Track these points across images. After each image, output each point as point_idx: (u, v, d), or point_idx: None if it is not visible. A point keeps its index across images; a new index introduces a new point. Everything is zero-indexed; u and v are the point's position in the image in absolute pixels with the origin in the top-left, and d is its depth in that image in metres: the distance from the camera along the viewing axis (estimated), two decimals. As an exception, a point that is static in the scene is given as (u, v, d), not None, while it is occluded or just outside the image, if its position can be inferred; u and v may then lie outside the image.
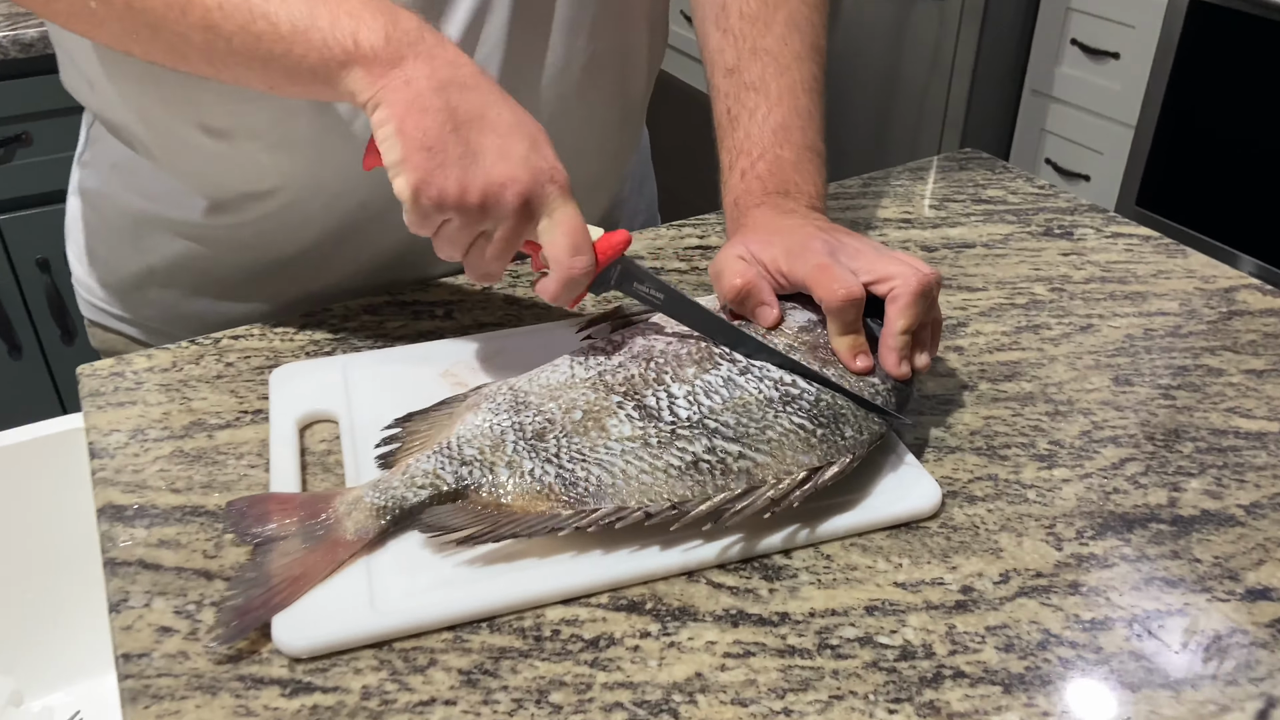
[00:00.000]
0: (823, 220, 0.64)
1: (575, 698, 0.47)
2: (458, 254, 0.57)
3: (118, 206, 0.77)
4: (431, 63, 0.53)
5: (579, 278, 0.56)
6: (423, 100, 0.52)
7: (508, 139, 0.54)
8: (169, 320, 0.79)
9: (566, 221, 0.56)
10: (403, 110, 0.52)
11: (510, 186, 0.53)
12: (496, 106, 0.54)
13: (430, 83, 0.53)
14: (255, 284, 0.77)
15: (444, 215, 0.54)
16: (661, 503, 0.53)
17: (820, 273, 0.58)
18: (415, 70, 0.53)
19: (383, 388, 0.64)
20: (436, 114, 0.52)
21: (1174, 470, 0.60)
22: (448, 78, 0.53)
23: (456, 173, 0.53)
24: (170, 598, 0.52)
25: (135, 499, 0.58)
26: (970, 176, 0.94)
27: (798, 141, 0.67)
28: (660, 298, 0.61)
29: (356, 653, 0.49)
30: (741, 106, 0.68)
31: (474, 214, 0.54)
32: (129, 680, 0.48)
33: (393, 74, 0.53)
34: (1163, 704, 0.47)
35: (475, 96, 0.54)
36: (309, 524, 0.53)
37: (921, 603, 0.52)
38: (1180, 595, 0.52)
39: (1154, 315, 0.74)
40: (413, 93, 0.53)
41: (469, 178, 0.53)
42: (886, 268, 0.58)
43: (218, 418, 0.64)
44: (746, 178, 0.66)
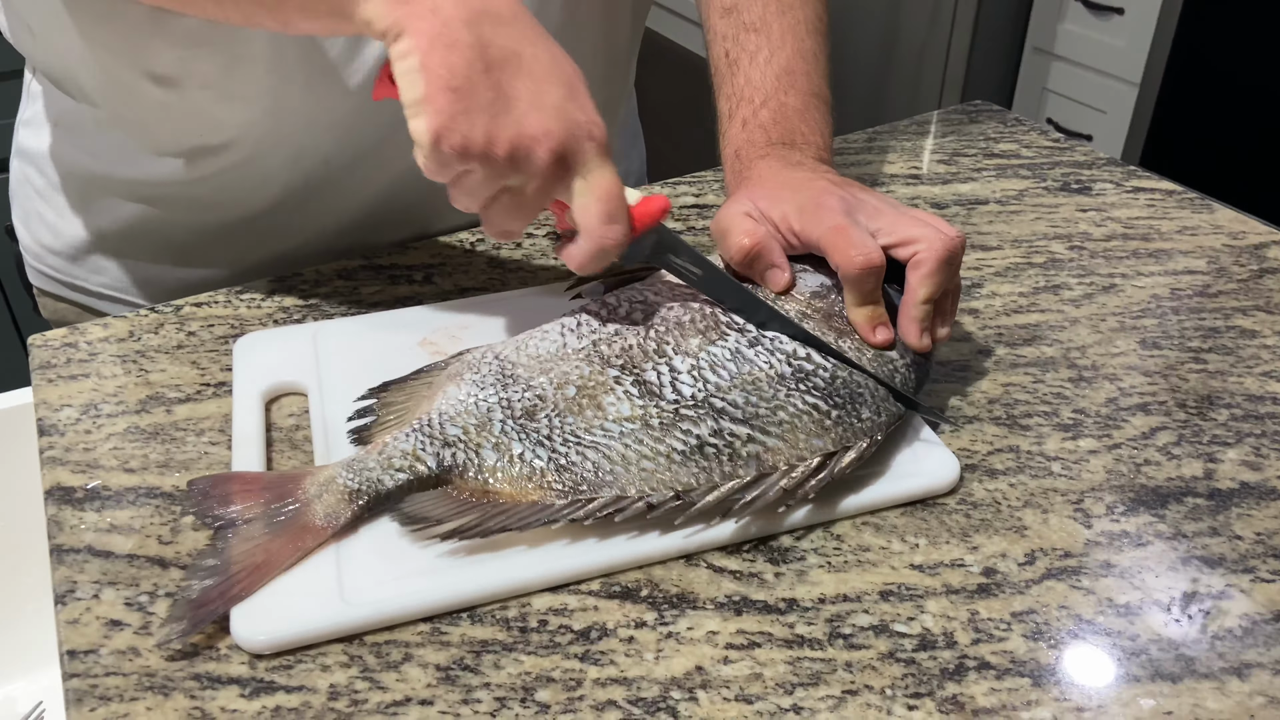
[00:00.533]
0: (833, 173, 0.59)
1: (564, 695, 0.43)
2: (476, 206, 0.51)
3: (63, 167, 0.72)
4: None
5: (611, 248, 0.50)
6: (451, 33, 0.46)
7: (543, 84, 0.48)
8: (122, 288, 0.74)
9: (603, 185, 0.49)
10: (428, 42, 0.46)
11: (544, 141, 0.47)
12: (534, 45, 0.48)
13: (461, 11, 0.46)
14: (214, 248, 0.73)
15: (466, 165, 0.48)
16: (664, 492, 0.48)
17: (837, 235, 0.53)
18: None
19: (356, 358, 0.60)
20: (466, 50, 0.46)
21: (1209, 440, 0.56)
22: (480, 8, 0.47)
23: (484, 120, 0.46)
24: (121, 588, 0.47)
25: (85, 479, 0.53)
26: (981, 130, 0.89)
27: (803, 87, 0.62)
28: (698, 273, 0.55)
29: (324, 648, 0.45)
30: (741, 49, 0.63)
31: (500, 167, 0.48)
32: (74, 680, 0.44)
33: (419, 2, 0.47)
34: (1206, 696, 0.43)
35: (511, 32, 0.48)
36: (275, 507, 0.49)
37: (941, 587, 0.48)
38: (1221, 576, 0.48)
39: (1181, 274, 0.70)
40: (440, 22, 0.46)
41: (498, 127, 0.47)
42: (909, 230, 0.54)
43: (177, 391, 0.59)
44: (748, 127, 0.61)
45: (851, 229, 0.53)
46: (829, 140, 0.62)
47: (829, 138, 0.63)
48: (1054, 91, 2.11)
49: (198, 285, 0.72)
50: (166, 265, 0.73)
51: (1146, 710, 0.42)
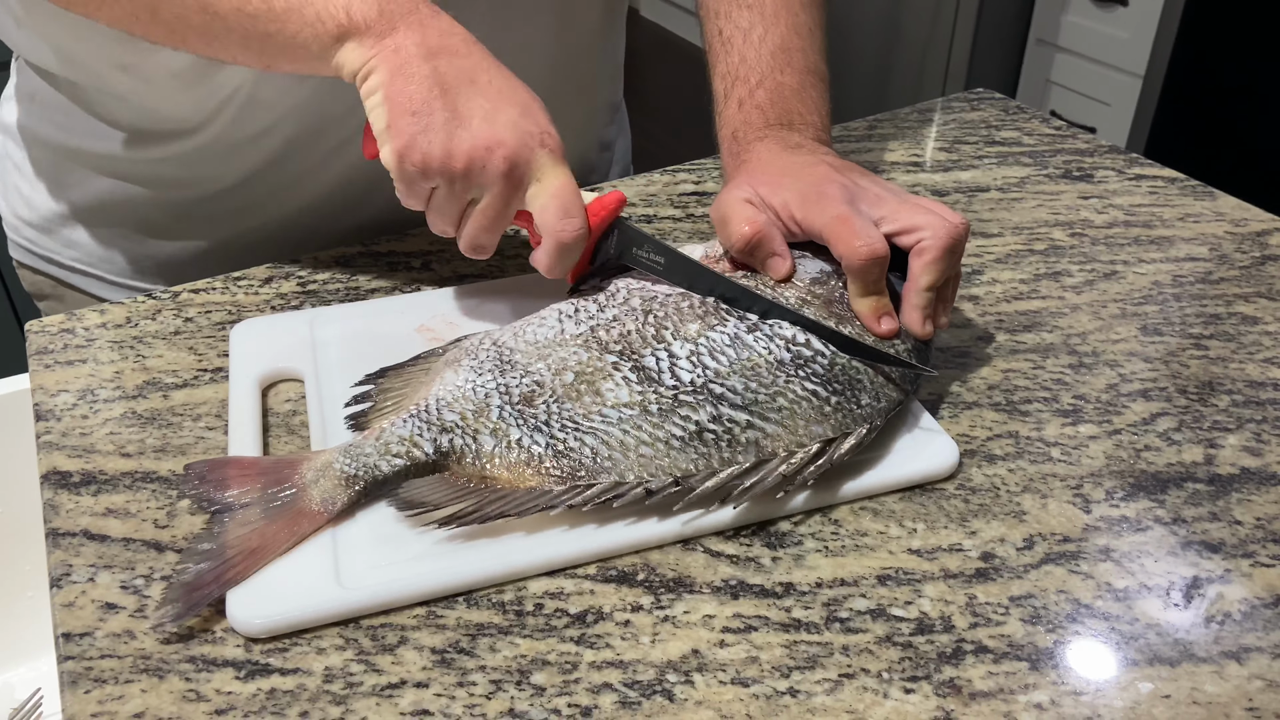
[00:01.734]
0: (832, 156, 0.58)
1: (560, 678, 0.43)
2: (450, 226, 0.55)
3: (38, 140, 0.73)
4: (423, 30, 0.52)
5: (570, 243, 0.53)
6: (410, 66, 0.51)
7: (496, 104, 0.52)
8: (92, 262, 0.75)
9: (557, 185, 0.53)
10: (389, 77, 0.51)
11: (497, 150, 0.51)
12: (488, 72, 0.53)
13: (419, 50, 0.52)
14: (183, 223, 0.73)
15: (430, 182, 0.52)
16: (663, 478, 0.48)
17: (840, 225, 0.53)
18: (405, 39, 0.52)
19: (353, 344, 0.59)
20: (423, 80, 0.51)
21: (1209, 425, 0.56)
22: (437, 45, 0.52)
23: (441, 137, 0.51)
24: (117, 571, 0.47)
25: (82, 464, 0.53)
26: (982, 117, 0.88)
27: (799, 65, 0.61)
28: (661, 262, 0.56)
29: (319, 631, 0.44)
30: (734, 26, 0.63)
31: (459, 179, 0.52)
32: (69, 662, 0.43)
33: (383, 43, 0.52)
34: (1205, 680, 0.43)
35: (465, 63, 0.52)
36: (272, 491, 0.49)
37: (938, 571, 0.47)
38: (1221, 561, 0.48)
39: (1182, 261, 0.69)
40: (401, 60, 0.52)
41: (454, 142, 0.51)
42: (912, 217, 0.53)
43: (174, 376, 0.59)
44: (745, 108, 0.61)
45: (854, 218, 0.53)
46: (827, 119, 0.62)
47: (827, 116, 0.62)
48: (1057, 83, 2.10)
49: (168, 261, 0.73)
50: (137, 240, 0.74)
51: (1144, 694, 0.42)
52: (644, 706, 0.41)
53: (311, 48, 0.53)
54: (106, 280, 0.75)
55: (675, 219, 0.74)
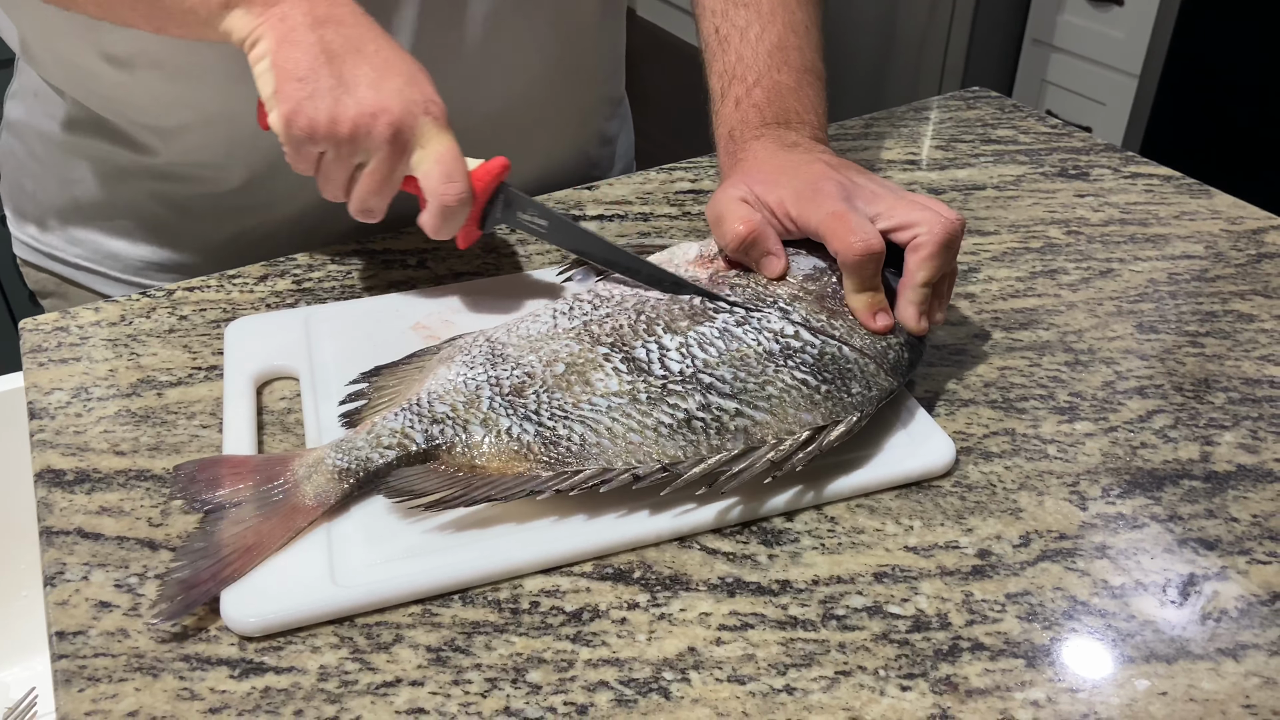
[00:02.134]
0: (829, 154, 0.58)
1: (556, 676, 0.42)
2: (339, 191, 0.56)
3: (41, 136, 0.73)
4: (311, 1, 0.54)
5: (453, 205, 0.55)
6: (296, 34, 0.53)
7: (382, 72, 0.53)
8: (95, 260, 0.75)
9: (439, 150, 0.54)
10: (275, 44, 0.53)
11: (381, 116, 0.53)
12: (374, 43, 0.54)
13: (306, 19, 0.53)
14: (183, 222, 0.73)
15: (317, 146, 0.54)
16: (651, 464, 0.48)
17: (835, 221, 0.53)
18: (293, 8, 0.53)
19: (348, 342, 0.59)
20: (309, 47, 0.53)
21: (1205, 423, 0.56)
22: (325, 14, 0.54)
23: (327, 103, 0.52)
24: (110, 570, 0.47)
25: (75, 462, 0.53)
26: (978, 116, 0.88)
27: (796, 63, 0.61)
28: (544, 225, 0.59)
29: (314, 630, 0.44)
30: (731, 25, 0.63)
31: (345, 144, 0.53)
32: (63, 661, 0.43)
33: (270, 12, 0.53)
34: (1201, 677, 0.43)
35: (352, 32, 0.54)
36: (264, 489, 0.49)
37: (935, 569, 0.47)
38: (1217, 558, 0.48)
39: (1178, 258, 0.69)
40: (287, 27, 0.53)
41: (339, 108, 0.52)
42: (908, 213, 0.53)
43: (168, 375, 0.59)
44: (741, 106, 0.61)
45: (850, 214, 0.53)
46: (824, 117, 0.62)
47: (824, 115, 0.62)
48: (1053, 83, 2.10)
49: (171, 259, 0.73)
50: (139, 238, 0.74)
51: (1141, 691, 0.42)
52: (640, 704, 0.41)
53: (199, 13, 0.54)
54: (110, 277, 0.75)
55: (672, 217, 0.74)
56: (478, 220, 0.58)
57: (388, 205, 0.56)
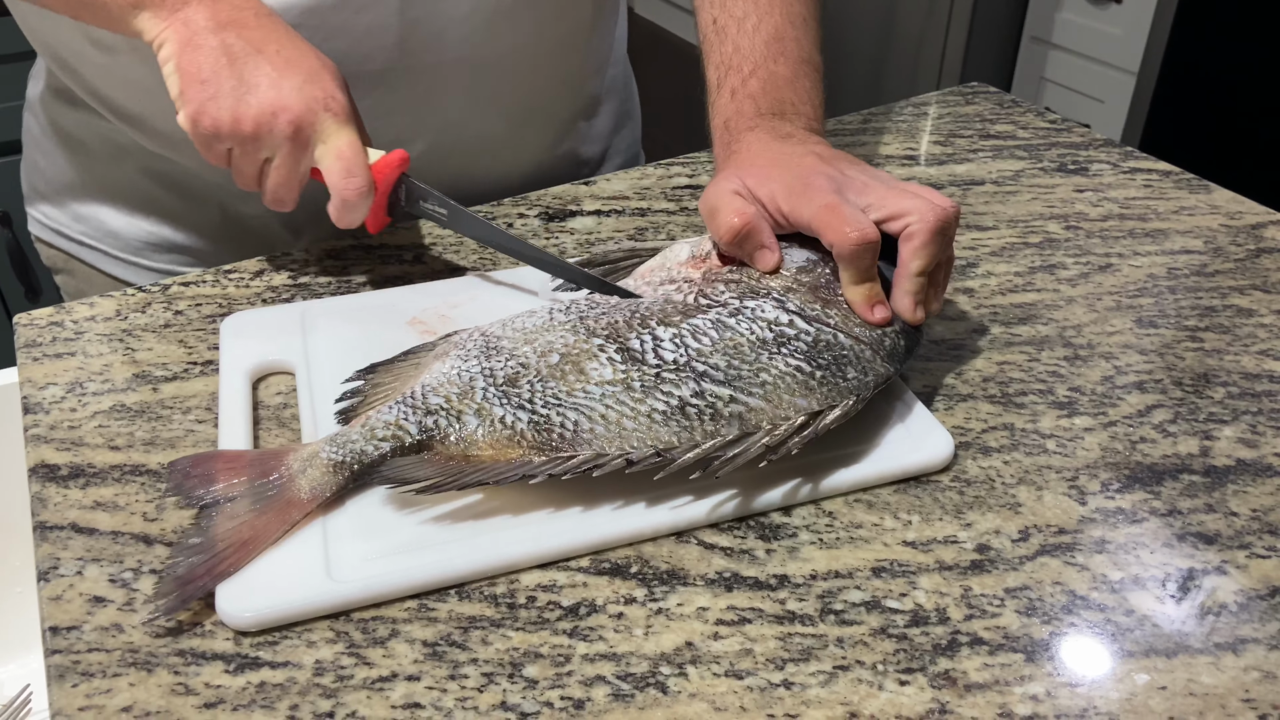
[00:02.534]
0: (823, 146, 0.58)
1: (552, 671, 0.42)
2: (251, 183, 0.59)
3: (49, 114, 0.75)
4: (214, 6, 0.56)
5: (353, 199, 0.57)
6: (198, 38, 0.56)
7: (283, 71, 0.56)
8: (101, 236, 0.76)
9: (339, 146, 0.57)
10: (179, 48, 0.56)
11: (281, 114, 0.55)
12: (276, 43, 0.56)
13: (209, 23, 0.56)
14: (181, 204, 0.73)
15: (223, 144, 0.56)
16: (644, 449, 0.48)
17: (829, 214, 0.52)
18: (196, 13, 0.56)
19: (344, 337, 0.59)
20: (211, 51, 0.55)
21: (1205, 417, 0.55)
22: (227, 18, 0.56)
23: (230, 103, 0.55)
24: (105, 565, 0.47)
25: (70, 457, 0.52)
26: (977, 111, 0.88)
27: (793, 54, 0.61)
28: (444, 214, 0.61)
29: (310, 624, 0.44)
30: (729, 15, 0.63)
31: (249, 142, 0.56)
32: (57, 656, 0.43)
33: (175, 17, 0.56)
34: (1201, 671, 0.42)
35: (254, 34, 0.56)
36: (259, 483, 0.48)
37: (934, 563, 0.47)
38: (1217, 552, 0.48)
39: (1177, 253, 0.69)
40: (190, 31, 0.56)
41: (241, 107, 0.55)
42: (899, 203, 0.53)
43: (164, 369, 0.58)
44: (737, 97, 0.61)
45: (843, 206, 0.53)
46: (820, 109, 0.61)
47: (820, 106, 0.61)
48: (1051, 80, 2.10)
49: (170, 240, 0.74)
50: (141, 217, 0.75)
51: (1140, 686, 0.42)
52: (637, 699, 0.41)
53: (112, 11, 0.57)
54: (110, 255, 0.76)
55: (669, 212, 0.74)
56: (384, 208, 0.61)
57: (298, 196, 0.59)
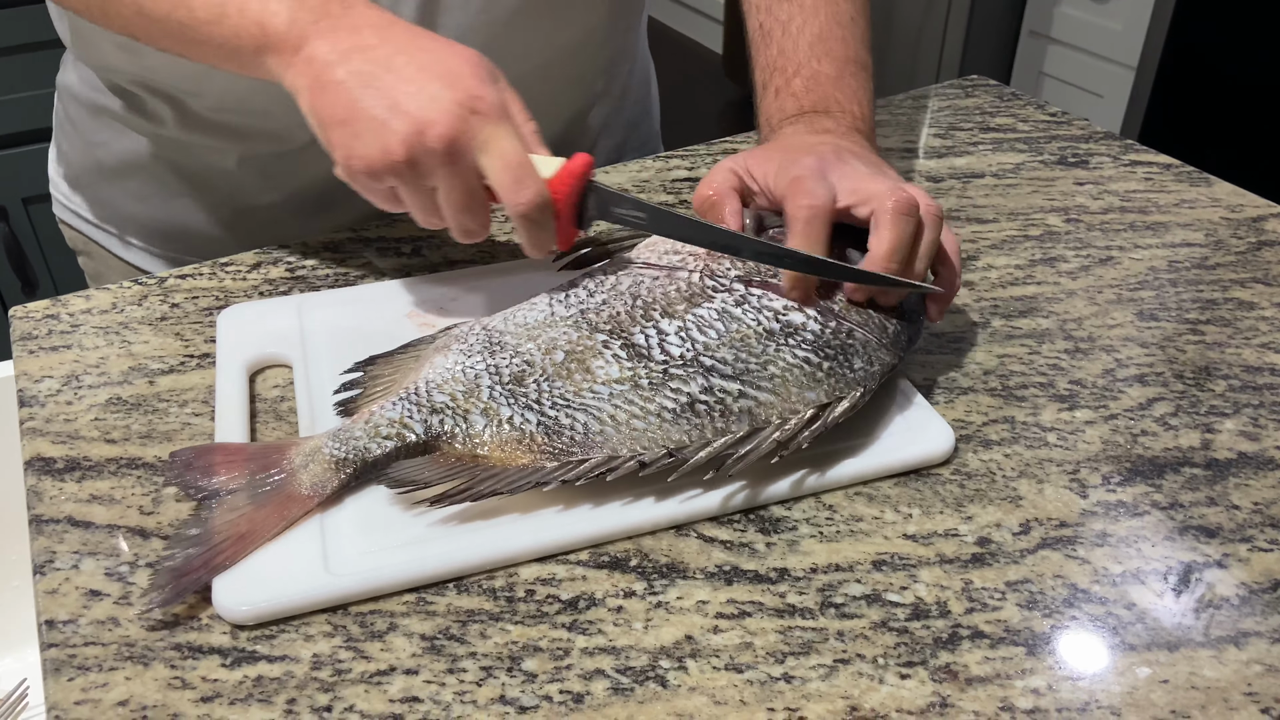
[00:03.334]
0: (858, 143, 0.57)
1: (551, 664, 0.42)
2: (431, 217, 0.53)
3: (73, 98, 0.76)
4: (334, 35, 0.51)
5: (529, 212, 0.51)
6: (325, 76, 0.50)
7: (418, 84, 0.50)
8: (117, 220, 0.77)
9: (501, 152, 0.50)
10: (310, 94, 0.51)
11: (428, 131, 0.49)
12: (404, 53, 0.51)
13: (332, 55, 0.50)
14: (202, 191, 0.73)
15: (383, 183, 0.51)
16: (657, 450, 0.47)
17: (793, 185, 0.52)
18: (317, 48, 0.51)
19: (341, 330, 0.59)
20: (339, 87, 0.50)
21: (1206, 410, 0.55)
22: (349, 45, 0.51)
23: (374, 138, 0.49)
24: (101, 558, 0.46)
25: (66, 450, 0.52)
26: (977, 104, 0.88)
27: (838, 54, 0.61)
28: (643, 217, 0.55)
29: (307, 618, 0.44)
30: (774, 19, 0.63)
31: (407, 172, 0.50)
32: (52, 650, 0.43)
33: (298, 57, 0.51)
34: (1203, 664, 0.42)
35: (380, 53, 0.51)
36: (260, 477, 0.48)
37: (934, 556, 0.47)
38: (1218, 545, 0.48)
39: (1178, 246, 0.69)
40: (315, 71, 0.51)
41: (387, 138, 0.49)
42: (866, 187, 0.52)
43: (160, 363, 0.58)
44: (780, 96, 0.61)
45: (808, 179, 0.52)
46: (868, 107, 0.61)
47: (867, 106, 0.61)
48: (1050, 75, 2.10)
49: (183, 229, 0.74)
50: (156, 203, 0.75)
51: (1142, 679, 0.42)
52: (637, 693, 0.41)
53: (241, 59, 0.53)
54: (125, 241, 0.77)
55: (668, 204, 0.73)
56: (572, 220, 0.54)
57: (488, 220, 0.53)
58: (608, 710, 0.40)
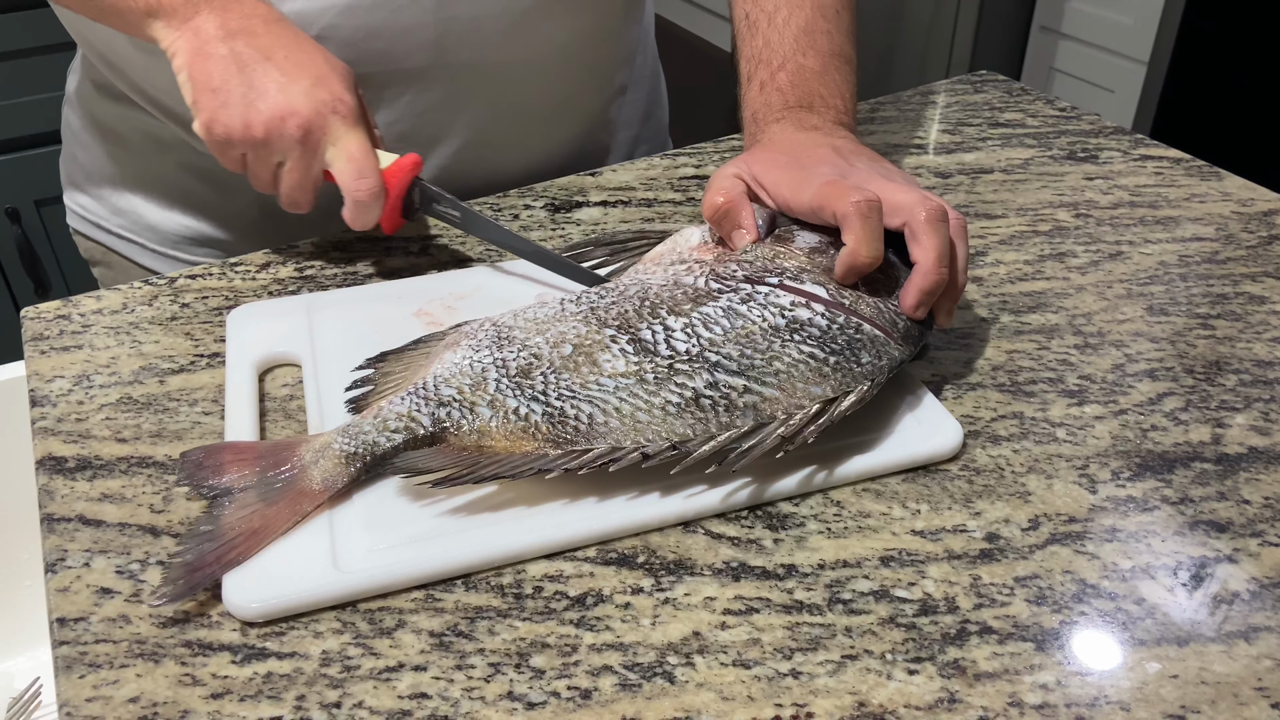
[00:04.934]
0: (846, 140, 0.58)
1: (559, 661, 0.42)
2: (267, 186, 0.60)
3: (86, 107, 0.76)
4: (224, 14, 0.58)
5: (366, 200, 0.59)
6: (208, 47, 0.57)
7: (291, 76, 0.57)
8: (140, 230, 0.77)
9: (349, 148, 0.58)
10: (190, 57, 0.57)
11: (290, 118, 0.56)
12: (284, 48, 0.58)
13: (218, 31, 0.57)
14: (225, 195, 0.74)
15: (236, 150, 0.58)
16: (661, 443, 0.47)
17: (829, 188, 0.52)
18: (207, 21, 0.57)
19: (350, 328, 0.59)
20: (221, 60, 0.57)
21: (1216, 405, 0.55)
22: (237, 26, 0.57)
23: (240, 110, 0.56)
24: (112, 556, 0.47)
25: (77, 449, 0.52)
26: (986, 99, 0.87)
27: (823, 47, 0.61)
28: (458, 216, 0.63)
29: (316, 615, 0.44)
30: (760, 10, 0.63)
31: (261, 147, 0.57)
32: (64, 647, 0.43)
33: (186, 26, 0.58)
34: (1213, 659, 0.42)
35: (263, 41, 0.57)
36: (270, 474, 0.48)
37: (942, 552, 0.47)
38: (1229, 540, 0.47)
39: (1189, 241, 0.69)
40: (200, 41, 0.57)
41: (251, 114, 0.56)
42: (893, 196, 0.52)
43: (170, 362, 0.58)
44: (765, 90, 0.61)
45: (842, 180, 0.52)
46: (850, 101, 0.61)
47: (851, 99, 0.61)
48: (1061, 70, 2.09)
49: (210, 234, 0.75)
50: (180, 211, 0.75)
51: (1152, 674, 0.42)
52: (644, 689, 0.41)
53: (128, 18, 0.59)
54: (148, 249, 0.77)
55: (675, 202, 0.73)
56: (398, 210, 0.62)
57: (314, 198, 0.60)
58: (615, 706, 0.40)
